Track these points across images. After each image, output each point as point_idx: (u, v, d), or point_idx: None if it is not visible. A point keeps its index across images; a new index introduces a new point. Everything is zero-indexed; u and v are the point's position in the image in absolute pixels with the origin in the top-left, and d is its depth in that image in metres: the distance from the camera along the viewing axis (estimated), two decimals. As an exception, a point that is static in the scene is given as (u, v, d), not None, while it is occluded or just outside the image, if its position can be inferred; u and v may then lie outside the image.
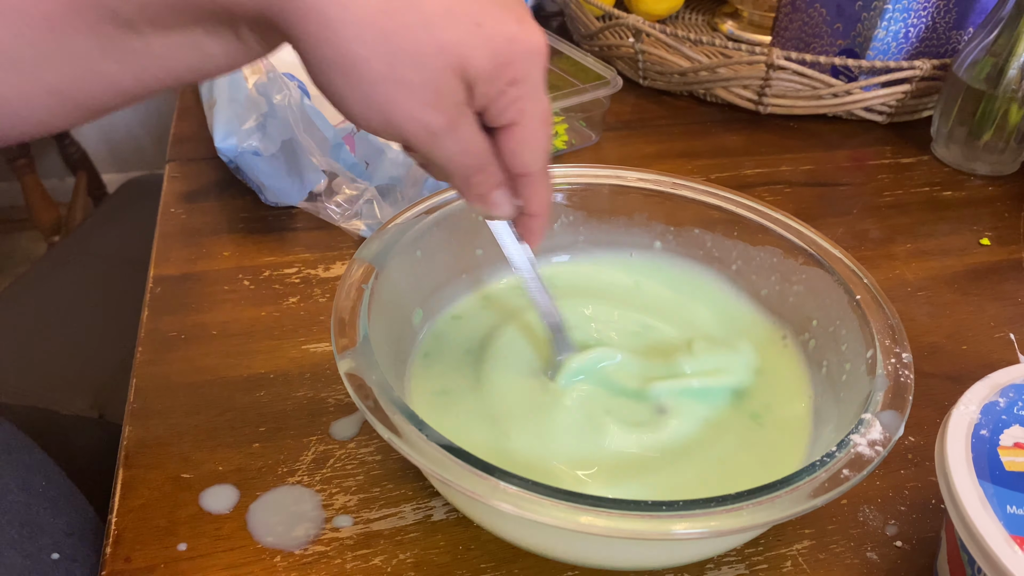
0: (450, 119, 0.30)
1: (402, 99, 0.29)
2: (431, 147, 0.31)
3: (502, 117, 0.32)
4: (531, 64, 0.31)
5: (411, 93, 0.29)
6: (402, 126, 0.30)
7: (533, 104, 0.32)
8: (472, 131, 0.32)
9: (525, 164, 0.33)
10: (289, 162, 0.55)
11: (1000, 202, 0.67)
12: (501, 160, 0.33)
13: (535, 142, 0.33)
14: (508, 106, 0.31)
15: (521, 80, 0.31)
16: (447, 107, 0.30)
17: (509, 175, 0.34)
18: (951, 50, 0.75)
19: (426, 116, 0.29)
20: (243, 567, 0.36)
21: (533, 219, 0.37)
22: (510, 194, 0.35)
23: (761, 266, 0.46)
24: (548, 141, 0.34)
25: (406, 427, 0.31)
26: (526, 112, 0.32)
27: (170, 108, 0.73)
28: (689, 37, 0.74)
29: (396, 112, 0.29)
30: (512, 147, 0.33)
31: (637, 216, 0.48)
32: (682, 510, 0.29)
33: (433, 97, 0.29)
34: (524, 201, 0.35)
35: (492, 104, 0.31)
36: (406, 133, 0.30)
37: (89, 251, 0.91)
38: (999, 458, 0.33)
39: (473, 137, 0.32)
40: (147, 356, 0.46)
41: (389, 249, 0.41)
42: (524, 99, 0.31)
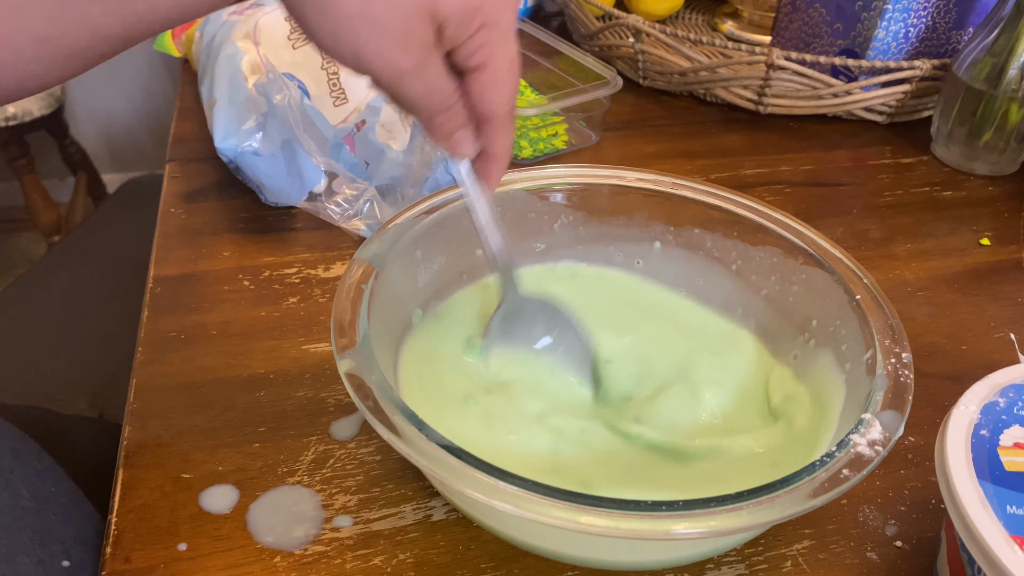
0: (418, 59, 0.31)
1: (372, 37, 0.30)
2: (398, 85, 0.32)
3: (471, 60, 0.32)
4: (502, 9, 0.32)
5: (381, 32, 0.30)
6: (371, 63, 0.31)
7: (502, 48, 0.33)
8: (439, 72, 0.32)
9: (491, 107, 0.34)
10: (289, 162, 0.55)
11: (1000, 202, 0.67)
12: (467, 101, 0.34)
13: (502, 85, 0.34)
14: (477, 49, 0.32)
15: (491, 24, 0.31)
16: (415, 47, 0.31)
17: (474, 116, 0.35)
18: (951, 50, 0.75)
19: (394, 55, 0.30)
20: (243, 567, 0.36)
21: (493, 162, 0.37)
22: (473, 135, 0.36)
23: (761, 266, 0.46)
24: (515, 86, 0.34)
25: (406, 427, 0.31)
26: (495, 56, 0.33)
27: (170, 108, 0.73)
28: (689, 37, 0.74)
29: (365, 49, 0.30)
30: (479, 89, 0.34)
31: (637, 216, 0.48)
32: (682, 510, 0.29)
33: (402, 37, 0.30)
34: (487, 143, 0.36)
35: (461, 47, 0.32)
36: (374, 70, 0.31)
37: (89, 251, 0.91)
38: (999, 458, 0.33)
39: (440, 78, 0.33)
40: (147, 356, 0.46)
41: (389, 249, 0.41)
42: (493, 43, 0.32)
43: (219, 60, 0.59)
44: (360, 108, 0.60)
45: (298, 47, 0.61)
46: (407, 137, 0.59)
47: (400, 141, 0.60)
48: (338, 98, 0.61)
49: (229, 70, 0.58)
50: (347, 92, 0.61)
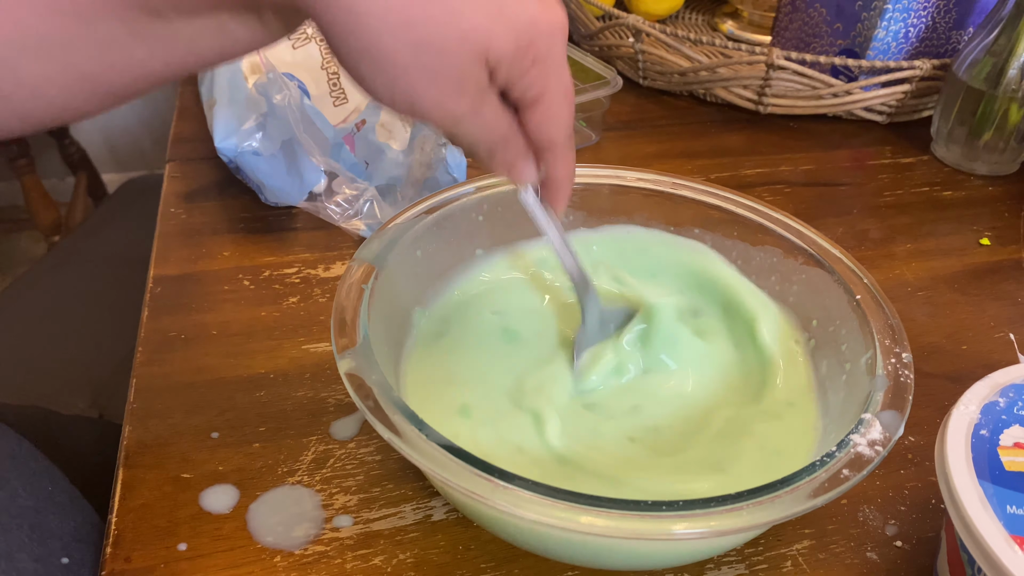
0: (473, 103, 0.31)
1: (427, 87, 0.30)
2: (455, 128, 0.32)
3: (526, 95, 0.32)
4: (552, 42, 0.32)
5: (436, 81, 0.30)
6: (427, 112, 0.31)
7: (556, 80, 0.33)
8: (494, 111, 0.33)
9: (550, 137, 0.34)
10: (289, 162, 0.55)
11: (1000, 202, 0.67)
12: (525, 132, 0.34)
13: (558, 116, 0.34)
14: (531, 84, 0.32)
15: (543, 58, 0.31)
16: (470, 92, 0.31)
17: (533, 146, 0.35)
18: (951, 50, 0.75)
19: (450, 102, 0.30)
20: (243, 567, 0.36)
21: (558, 186, 0.38)
22: (534, 163, 0.36)
23: (761, 266, 0.46)
24: (571, 113, 0.35)
25: (406, 427, 0.31)
26: (549, 88, 0.33)
27: (170, 108, 0.73)
28: (689, 37, 0.74)
29: (421, 99, 0.30)
30: (536, 122, 0.34)
31: (637, 216, 0.48)
32: (682, 510, 0.29)
33: (457, 84, 0.30)
34: (548, 170, 0.37)
35: (515, 83, 0.32)
36: (431, 118, 0.31)
37: (89, 251, 0.91)
38: (999, 458, 0.33)
39: (496, 116, 0.33)
40: (147, 356, 0.46)
41: (389, 249, 0.41)
42: (546, 76, 0.32)
43: (219, 60, 0.59)
44: (360, 108, 0.61)
45: (298, 47, 0.62)
46: (407, 137, 0.59)
47: (400, 141, 0.60)
48: (338, 98, 0.61)
49: (229, 70, 0.58)
50: (347, 92, 0.61)
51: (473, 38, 0.29)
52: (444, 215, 0.44)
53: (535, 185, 0.38)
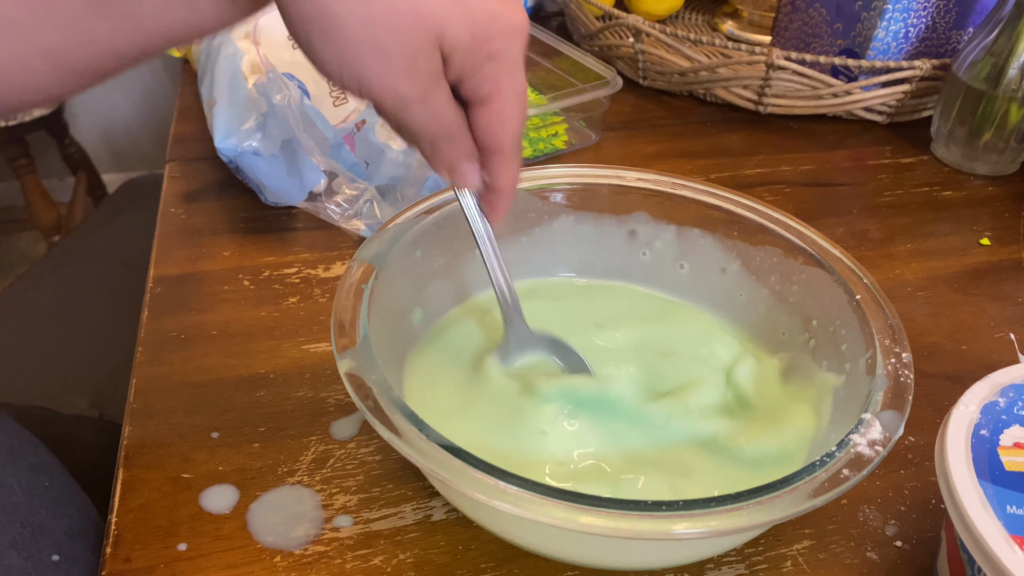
0: (422, 87, 0.30)
1: (376, 63, 0.29)
2: (401, 113, 0.31)
3: (478, 91, 0.32)
4: (510, 41, 0.31)
5: (386, 58, 0.29)
6: (374, 90, 0.30)
7: (509, 81, 0.32)
8: (444, 101, 0.32)
9: (497, 140, 0.34)
10: (289, 162, 0.55)
11: (1000, 202, 0.67)
12: (473, 133, 0.34)
13: (509, 119, 0.33)
14: (484, 81, 0.31)
15: (499, 56, 0.31)
16: (420, 75, 0.30)
17: (480, 148, 0.34)
18: (951, 50, 0.75)
19: (398, 83, 0.30)
20: (243, 567, 0.36)
21: (498, 196, 0.37)
22: (477, 167, 0.35)
23: (761, 266, 0.46)
24: (522, 119, 0.34)
25: (406, 427, 0.31)
26: (502, 88, 0.32)
27: (170, 108, 0.73)
28: (689, 37, 0.74)
29: (369, 75, 0.30)
30: (485, 122, 0.33)
31: (637, 216, 0.48)
32: (682, 510, 0.29)
33: (407, 64, 0.29)
34: (491, 177, 0.35)
35: (468, 77, 0.31)
36: (377, 97, 0.30)
37: (89, 251, 0.91)
38: (999, 458, 0.33)
39: (444, 107, 0.32)
40: (147, 356, 0.46)
41: (389, 249, 0.41)
42: (501, 75, 0.32)
43: (219, 60, 0.59)
44: (360, 108, 0.60)
45: (298, 47, 0.61)
46: (407, 137, 0.59)
47: (400, 141, 0.60)
48: (338, 98, 0.61)
49: (229, 70, 0.58)
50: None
51: (429, 20, 0.29)
52: (444, 215, 0.44)
53: (476, 191, 0.37)
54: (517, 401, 0.40)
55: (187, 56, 0.72)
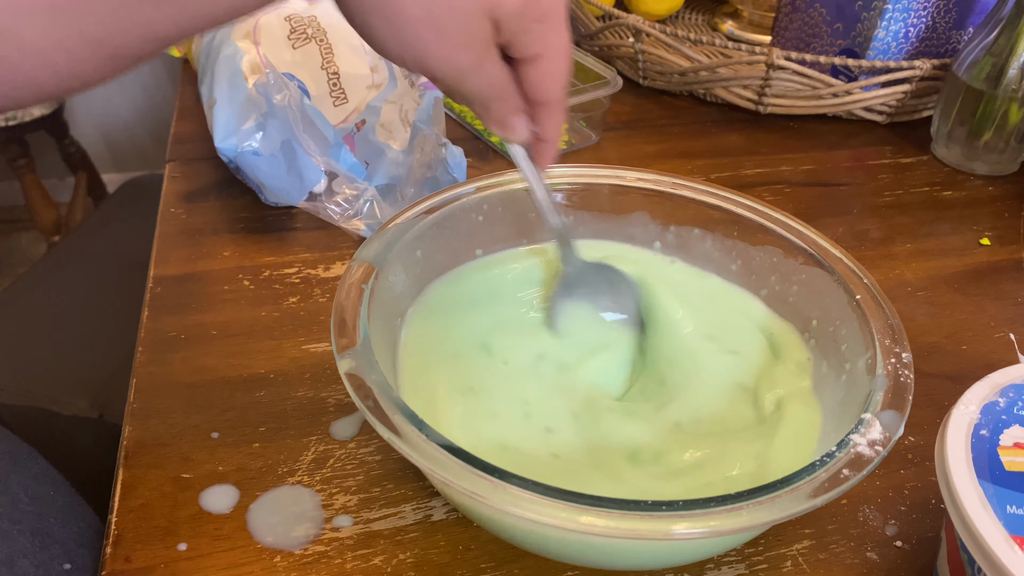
0: (477, 57, 0.32)
1: (436, 41, 0.31)
2: (459, 83, 0.33)
3: (527, 50, 0.33)
4: (557, 1, 0.33)
5: (445, 36, 0.31)
6: (434, 66, 0.32)
7: (556, 38, 0.34)
8: (496, 65, 0.34)
9: (546, 94, 0.35)
10: (289, 162, 0.55)
11: (1000, 202, 0.67)
12: (521, 88, 0.35)
13: (556, 73, 0.35)
14: (533, 41, 0.33)
15: (546, 16, 0.33)
16: (476, 47, 0.32)
17: (528, 102, 0.36)
18: (951, 50, 0.75)
19: (456, 56, 0.32)
20: (243, 567, 0.36)
21: (547, 144, 0.39)
22: (527, 120, 0.37)
23: (761, 266, 0.46)
24: (568, 72, 0.36)
25: (406, 427, 0.31)
26: (549, 46, 0.34)
27: (170, 108, 0.73)
28: (689, 37, 0.74)
29: (429, 53, 0.31)
30: (534, 78, 0.35)
31: (637, 216, 0.48)
32: (682, 510, 0.29)
33: (464, 39, 0.31)
34: (539, 127, 0.37)
35: (518, 39, 0.33)
36: (437, 72, 0.32)
37: (89, 251, 0.91)
38: (999, 458, 0.33)
39: (497, 71, 0.34)
40: (147, 356, 0.46)
41: (389, 249, 0.41)
42: (548, 34, 0.33)
43: (219, 60, 0.59)
44: (360, 108, 0.60)
45: (298, 47, 0.62)
46: (407, 137, 0.59)
47: (400, 141, 0.60)
48: (338, 98, 0.61)
49: (229, 70, 0.58)
50: (347, 92, 0.61)
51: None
52: (444, 215, 0.44)
53: (527, 143, 0.39)
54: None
55: (187, 56, 0.72)
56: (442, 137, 0.55)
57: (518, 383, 0.41)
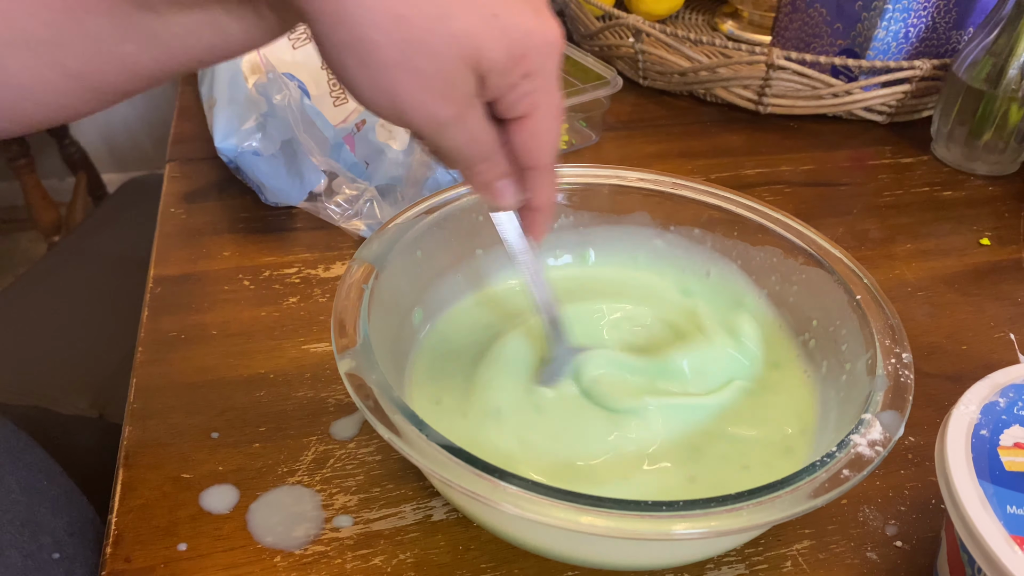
0: (458, 110, 0.30)
1: (412, 87, 0.28)
2: (438, 136, 0.31)
3: (514, 109, 0.31)
4: (546, 57, 0.31)
5: (421, 82, 0.28)
6: (410, 114, 0.29)
7: (546, 97, 0.31)
8: (480, 122, 0.31)
9: (534, 157, 0.33)
10: (289, 162, 0.55)
11: (1000, 202, 0.67)
12: (509, 151, 0.33)
13: (545, 136, 0.33)
14: (520, 99, 0.31)
15: (535, 73, 0.30)
16: (456, 98, 0.29)
17: (516, 167, 0.34)
18: (951, 50, 0.75)
19: (435, 106, 0.29)
20: (243, 567, 0.36)
21: (538, 212, 0.36)
22: (515, 185, 0.35)
23: (761, 266, 0.46)
24: (558, 135, 0.33)
25: (406, 427, 0.31)
26: (538, 105, 0.31)
27: (170, 108, 0.73)
28: (689, 37, 0.74)
29: (405, 100, 0.29)
30: (522, 140, 0.32)
31: (637, 216, 0.48)
32: (682, 510, 0.29)
33: (443, 87, 0.29)
34: (530, 194, 0.35)
35: (504, 96, 0.31)
36: (413, 121, 0.30)
37: (89, 251, 0.91)
38: (999, 458, 0.33)
39: (480, 127, 0.31)
40: (147, 356, 0.46)
41: (389, 249, 0.41)
42: (537, 92, 0.31)
43: (219, 60, 0.59)
44: (360, 108, 0.60)
45: (298, 47, 0.62)
46: (407, 137, 0.59)
47: (400, 141, 0.60)
48: (338, 98, 0.61)
49: (229, 70, 0.58)
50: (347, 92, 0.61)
51: (464, 41, 0.28)
52: (444, 215, 0.44)
53: (513, 208, 0.36)
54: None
55: (187, 56, 0.72)
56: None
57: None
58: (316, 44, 0.28)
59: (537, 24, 0.30)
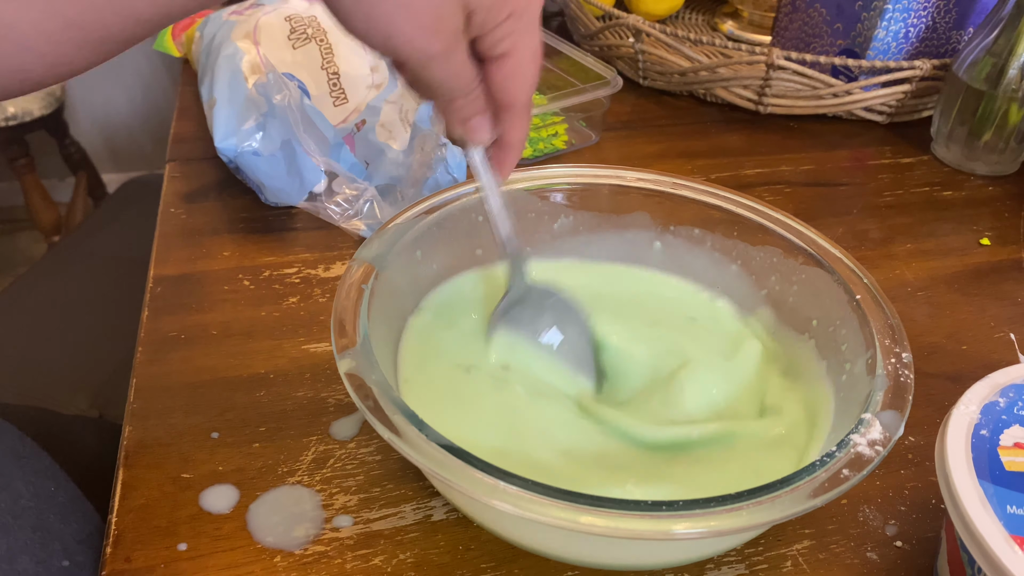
0: (446, 45, 0.31)
1: (404, 21, 0.30)
2: (423, 69, 0.32)
3: (496, 48, 0.33)
4: (530, 0, 0.32)
5: (413, 16, 0.30)
6: (400, 47, 0.31)
7: (527, 38, 0.33)
8: (463, 58, 0.33)
9: (511, 96, 0.35)
10: (289, 162, 0.55)
11: (1000, 202, 0.67)
12: (487, 89, 0.34)
13: (524, 75, 0.34)
14: (503, 38, 0.32)
15: (518, 14, 0.32)
16: (445, 33, 0.31)
17: (493, 104, 0.35)
18: (951, 50, 0.75)
19: (424, 40, 0.31)
20: (243, 567, 0.36)
21: (508, 150, 0.38)
22: (490, 122, 0.36)
23: (761, 266, 0.46)
24: (535, 76, 0.35)
25: (406, 427, 0.31)
26: (519, 45, 0.33)
27: (170, 108, 0.73)
28: (689, 37, 0.74)
29: (396, 33, 0.30)
30: (501, 78, 0.34)
31: (637, 216, 0.48)
32: (682, 510, 0.29)
33: (434, 22, 0.30)
34: (503, 132, 0.37)
35: (488, 35, 0.32)
36: (402, 54, 0.31)
37: (89, 251, 0.91)
38: (999, 458, 0.33)
39: (464, 64, 0.33)
40: (147, 356, 0.46)
41: (389, 249, 0.41)
42: (519, 32, 0.33)
43: (219, 60, 0.59)
44: (360, 108, 0.60)
45: (298, 47, 0.62)
46: (407, 137, 0.59)
47: (400, 141, 0.60)
48: (338, 98, 0.61)
49: (229, 70, 0.58)
50: (347, 92, 0.61)
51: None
52: (444, 215, 0.44)
53: (486, 144, 0.38)
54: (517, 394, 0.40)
55: (187, 56, 0.72)
56: (442, 137, 0.55)
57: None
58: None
59: None
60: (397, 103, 0.61)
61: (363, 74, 0.62)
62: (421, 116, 0.57)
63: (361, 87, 0.61)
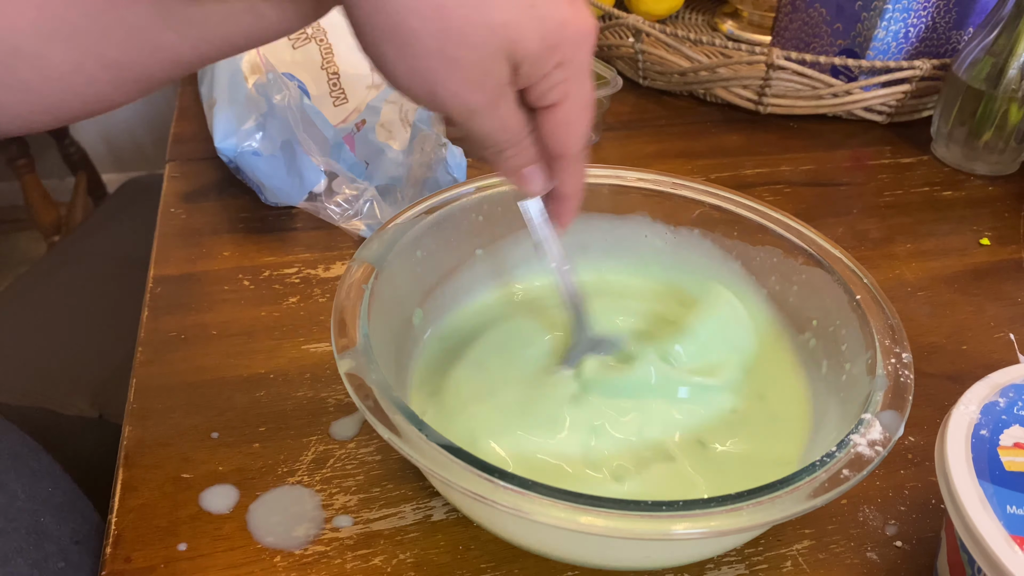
0: (491, 98, 0.30)
1: (448, 75, 0.29)
2: (469, 122, 0.31)
3: (545, 98, 0.32)
4: (579, 48, 0.31)
5: (458, 71, 0.29)
6: (445, 101, 0.30)
7: (577, 87, 0.32)
8: (511, 109, 0.32)
9: (563, 146, 0.34)
10: (289, 162, 0.55)
11: (1000, 202, 0.67)
12: (539, 138, 0.34)
13: (575, 125, 0.33)
14: (552, 88, 0.31)
15: (567, 63, 0.31)
16: (490, 87, 0.30)
17: (545, 154, 0.34)
18: (951, 50, 0.75)
19: (469, 94, 0.30)
20: (243, 567, 0.36)
21: (565, 200, 0.37)
22: (543, 172, 0.35)
23: (761, 266, 0.46)
24: (587, 125, 0.34)
25: (406, 427, 0.31)
26: (569, 94, 0.32)
27: (170, 108, 0.73)
28: (689, 37, 0.74)
29: (440, 87, 0.30)
30: (551, 128, 0.33)
31: (637, 216, 0.48)
32: (682, 510, 0.29)
33: (479, 76, 0.29)
34: (557, 181, 0.36)
35: (536, 85, 0.31)
36: (447, 108, 0.31)
37: (89, 251, 0.91)
38: (999, 458, 0.33)
39: (511, 115, 0.32)
40: (147, 356, 0.46)
41: (389, 249, 0.41)
42: (569, 82, 0.32)
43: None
44: (360, 108, 0.61)
45: (298, 47, 0.62)
46: (407, 137, 0.59)
47: (400, 141, 0.60)
48: (338, 98, 0.61)
49: (229, 70, 0.58)
50: (347, 92, 0.61)
51: (501, 32, 0.28)
52: (444, 215, 0.44)
53: (540, 196, 0.37)
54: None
55: (187, 56, 0.72)
56: (442, 137, 0.55)
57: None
58: (353, 30, 0.29)
59: (572, 14, 0.30)
60: (397, 103, 0.61)
61: (363, 74, 0.62)
62: (421, 116, 0.57)
63: (361, 87, 0.61)
